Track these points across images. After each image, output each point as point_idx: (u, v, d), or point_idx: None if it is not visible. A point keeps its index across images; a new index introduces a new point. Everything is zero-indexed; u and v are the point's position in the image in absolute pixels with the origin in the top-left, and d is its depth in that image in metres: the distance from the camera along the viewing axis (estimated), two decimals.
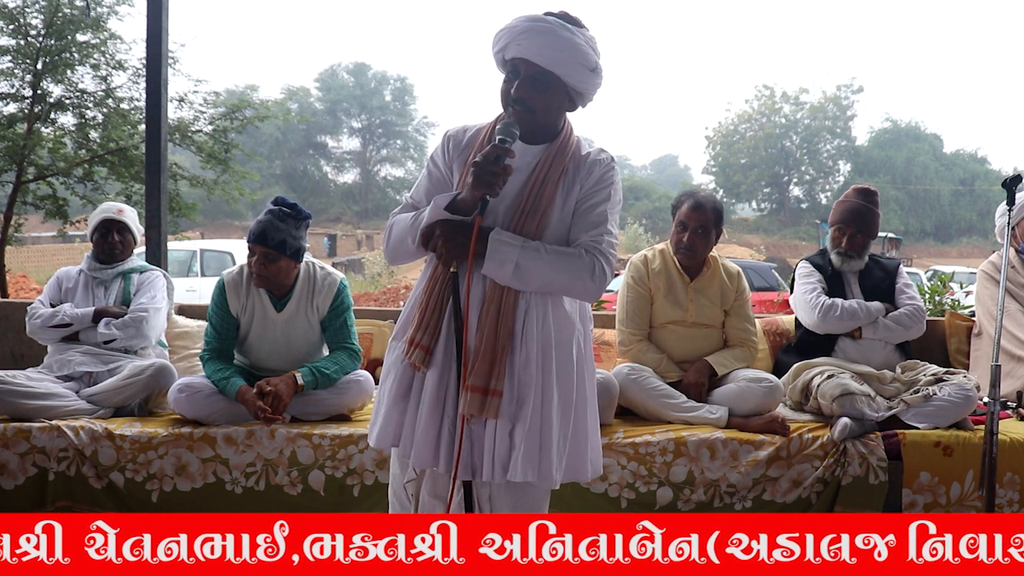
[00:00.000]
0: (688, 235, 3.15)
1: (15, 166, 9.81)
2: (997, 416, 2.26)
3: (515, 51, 1.87)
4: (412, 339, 1.90)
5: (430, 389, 1.88)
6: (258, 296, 3.06)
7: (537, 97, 1.88)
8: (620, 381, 2.99)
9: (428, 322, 1.89)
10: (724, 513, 2.80)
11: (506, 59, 1.91)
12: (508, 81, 1.91)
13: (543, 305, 1.92)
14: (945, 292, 4.96)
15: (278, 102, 14.39)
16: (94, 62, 10.50)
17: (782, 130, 45.74)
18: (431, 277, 1.93)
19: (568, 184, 1.95)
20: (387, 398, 1.94)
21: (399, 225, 1.95)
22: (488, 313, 1.86)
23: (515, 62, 1.89)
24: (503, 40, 1.90)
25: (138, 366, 3.10)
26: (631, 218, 38.69)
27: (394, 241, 1.96)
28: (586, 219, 1.93)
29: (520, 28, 1.86)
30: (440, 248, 1.84)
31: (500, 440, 1.86)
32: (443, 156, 2.00)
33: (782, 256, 30.31)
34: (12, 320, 3.69)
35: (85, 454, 2.81)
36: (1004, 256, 2.52)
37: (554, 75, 1.87)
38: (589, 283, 1.88)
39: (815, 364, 3.17)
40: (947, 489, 2.82)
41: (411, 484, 1.97)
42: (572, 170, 1.95)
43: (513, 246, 1.84)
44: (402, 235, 1.93)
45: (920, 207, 43.91)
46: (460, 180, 1.95)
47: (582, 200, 1.94)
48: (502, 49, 1.90)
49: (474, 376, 1.84)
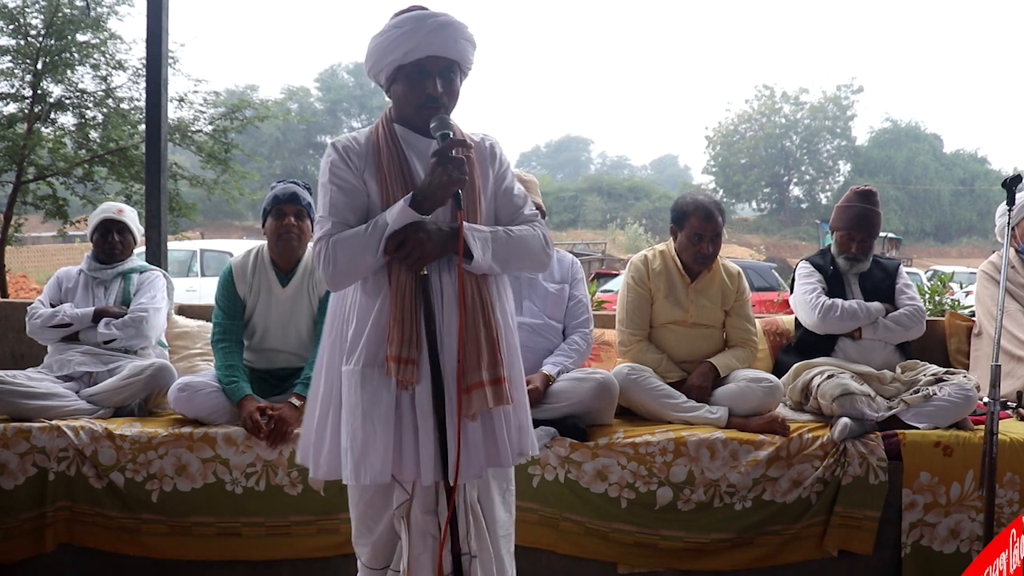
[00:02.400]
0: (706, 245, 3.15)
1: (15, 166, 9.81)
2: (997, 416, 2.26)
3: (424, 50, 1.88)
4: (398, 357, 1.81)
5: (424, 401, 1.84)
6: (264, 275, 3.12)
7: (450, 89, 1.94)
8: (620, 381, 2.99)
9: (409, 334, 1.82)
10: (724, 513, 2.80)
11: (404, 64, 1.90)
12: (418, 83, 1.91)
13: (502, 285, 2.00)
14: (945, 292, 4.95)
15: (278, 102, 14.41)
16: (94, 62, 10.51)
17: (782, 130, 45.72)
18: (396, 287, 1.85)
19: (483, 170, 2.01)
20: (378, 430, 1.83)
21: (346, 243, 1.84)
22: (474, 305, 1.87)
23: (422, 62, 1.89)
24: (405, 45, 1.88)
25: (138, 366, 3.10)
26: (631, 218, 38.69)
27: (344, 261, 1.84)
28: (511, 199, 2.03)
29: (427, 27, 1.87)
30: (417, 251, 1.82)
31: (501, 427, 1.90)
32: (348, 168, 1.93)
33: (782, 256, 30.32)
34: (12, 320, 3.68)
35: (85, 454, 2.81)
36: (1004, 256, 2.52)
37: (457, 63, 1.94)
38: (545, 253, 2.01)
39: (815, 364, 3.17)
40: (947, 489, 2.82)
41: (403, 507, 1.91)
42: (478, 156, 2.00)
43: (484, 233, 1.89)
44: (355, 251, 1.83)
45: (920, 207, 43.90)
46: (380, 187, 1.91)
47: (498, 182, 2.03)
48: (405, 54, 1.88)
49: (483, 371, 1.84)
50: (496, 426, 1.90)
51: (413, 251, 1.82)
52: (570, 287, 3.17)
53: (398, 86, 1.95)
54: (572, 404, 2.87)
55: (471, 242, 1.84)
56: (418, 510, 1.90)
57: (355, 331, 1.89)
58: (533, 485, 2.79)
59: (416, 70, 1.91)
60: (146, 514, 2.81)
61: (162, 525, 2.81)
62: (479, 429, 1.88)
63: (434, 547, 1.89)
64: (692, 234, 3.16)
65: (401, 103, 1.96)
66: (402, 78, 1.93)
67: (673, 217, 3.27)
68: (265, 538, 2.83)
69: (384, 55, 1.91)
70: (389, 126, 1.97)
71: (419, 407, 1.84)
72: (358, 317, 1.89)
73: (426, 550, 1.90)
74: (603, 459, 2.81)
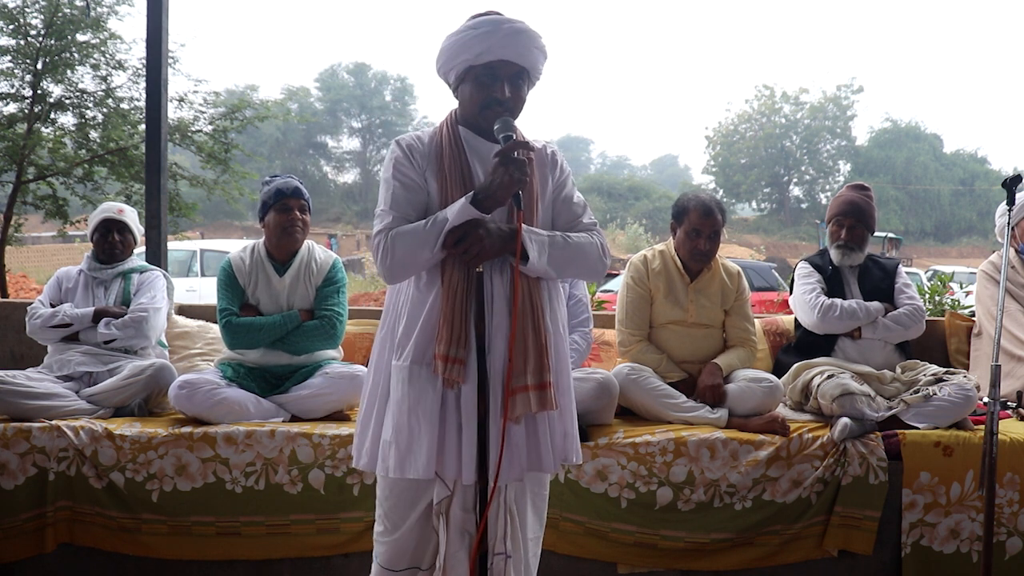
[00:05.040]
0: (703, 241, 3.16)
1: (15, 166, 9.80)
2: (997, 416, 2.26)
3: (496, 54, 1.89)
4: (446, 356, 1.81)
5: (469, 401, 1.84)
6: (262, 267, 3.21)
7: (517, 95, 1.94)
8: (620, 381, 2.99)
9: (458, 334, 1.82)
10: (724, 513, 2.80)
11: (475, 65, 1.91)
12: (486, 85, 1.92)
13: (554, 291, 2.00)
14: (945, 292, 4.95)
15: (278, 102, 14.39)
16: (94, 62, 10.50)
17: (782, 130, 45.74)
18: (447, 285, 1.85)
19: (542, 176, 2.02)
20: (423, 426, 1.84)
21: (406, 237, 1.84)
22: (525, 308, 1.87)
23: (493, 65, 1.91)
24: (478, 47, 1.89)
25: (138, 366, 3.10)
26: (631, 218, 38.70)
27: (402, 254, 1.84)
28: (570, 207, 2.04)
29: (502, 32, 1.89)
30: (475, 247, 1.81)
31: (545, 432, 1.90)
32: (411, 166, 1.95)
33: (782, 256, 30.34)
34: (12, 320, 3.69)
35: (85, 454, 2.81)
36: (1004, 256, 2.51)
37: (527, 70, 1.95)
38: (601, 262, 2.00)
39: (815, 364, 3.17)
40: (947, 489, 2.82)
41: (443, 503, 1.91)
42: (538, 162, 2.02)
43: (542, 236, 1.89)
44: (414, 245, 1.84)
45: (920, 207, 43.92)
46: (440, 186, 1.92)
47: (557, 190, 2.05)
48: (477, 55, 1.90)
49: (528, 375, 1.84)
50: (540, 430, 1.90)
51: (472, 247, 1.81)
52: (570, 287, 3.17)
53: (466, 86, 1.95)
54: None
55: (528, 244, 1.84)
56: (458, 508, 1.91)
57: (406, 327, 1.90)
58: None
59: (486, 72, 1.91)
60: (146, 514, 2.81)
61: (162, 525, 2.81)
62: (522, 432, 1.88)
63: (470, 544, 1.89)
64: (690, 229, 3.16)
65: (467, 104, 1.97)
66: (471, 79, 1.94)
67: (673, 213, 3.28)
68: (265, 537, 2.83)
69: (457, 54, 1.92)
70: (453, 128, 1.98)
71: (464, 407, 1.84)
72: (409, 313, 1.90)
73: (462, 547, 1.90)
74: (603, 459, 2.81)
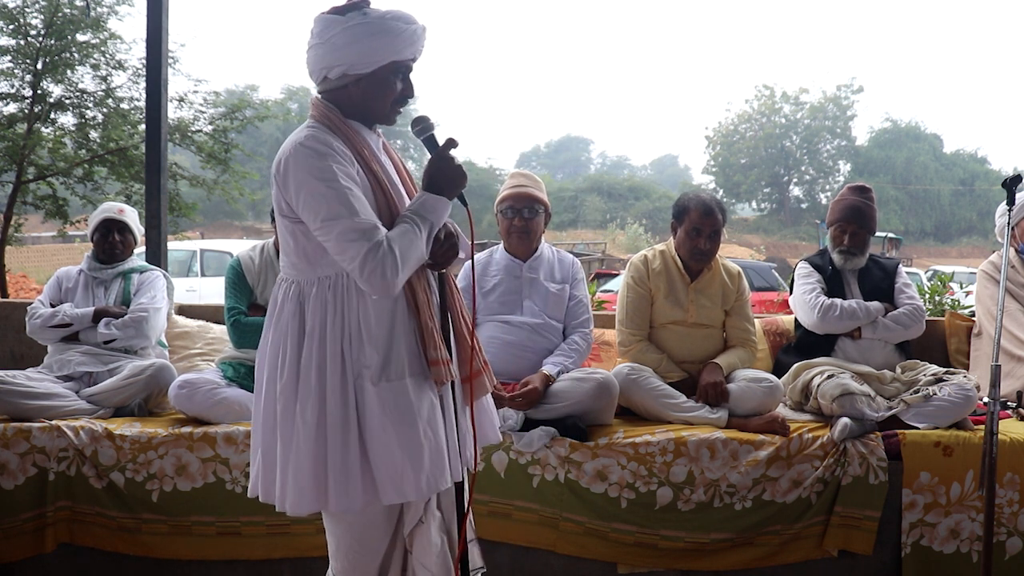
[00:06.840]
0: (703, 240, 3.16)
1: (15, 166, 9.82)
2: (997, 416, 2.26)
3: (416, 52, 1.88)
4: (438, 359, 1.81)
5: (449, 396, 1.88)
6: (271, 267, 3.24)
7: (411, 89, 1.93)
8: (620, 381, 2.99)
9: (441, 334, 1.85)
10: (724, 513, 2.80)
11: (398, 61, 1.84)
12: (403, 83, 1.88)
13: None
14: (945, 292, 4.95)
15: (278, 102, 14.43)
16: (94, 62, 10.52)
17: (782, 130, 45.73)
18: (420, 288, 1.82)
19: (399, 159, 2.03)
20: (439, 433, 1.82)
21: (406, 242, 1.73)
22: (459, 298, 1.96)
23: (411, 63, 1.89)
24: (407, 45, 1.83)
25: (138, 366, 3.10)
26: (631, 218, 38.69)
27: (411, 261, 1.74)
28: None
29: (419, 29, 1.86)
30: (449, 249, 1.84)
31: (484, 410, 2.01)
32: (348, 167, 1.78)
33: (782, 256, 30.33)
34: (12, 320, 3.69)
35: (85, 454, 2.81)
36: (1004, 256, 2.51)
37: None
38: None
39: (815, 364, 3.17)
40: (947, 489, 2.82)
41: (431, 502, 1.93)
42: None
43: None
44: (414, 250, 1.75)
45: (920, 207, 43.90)
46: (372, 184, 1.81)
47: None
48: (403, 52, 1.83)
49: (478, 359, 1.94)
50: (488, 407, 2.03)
51: (456, 244, 1.85)
52: (570, 287, 3.17)
53: (377, 81, 1.84)
54: (572, 404, 2.87)
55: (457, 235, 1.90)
56: (447, 502, 1.95)
57: (377, 345, 1.77)
58: (533, 485, 2.79)
59: (406, 69, 1.89)
60: (146, 514, 2.81)
61: (162, 525, 2.81)
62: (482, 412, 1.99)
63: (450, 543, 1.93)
64: (690, 228, 3.16)
65: (373, 98, 1.86)
66: (388, 74, 1.84)
67: (674, 213, 3.28)
68: (265, 537, 2.82)
69: (378, 48, 1.80)
70: (343, 123, 1.85)
71: (447, 404, 1.87)
72: (374, 331, 1.77)
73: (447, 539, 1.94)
74: (603, 459, 2.81)
